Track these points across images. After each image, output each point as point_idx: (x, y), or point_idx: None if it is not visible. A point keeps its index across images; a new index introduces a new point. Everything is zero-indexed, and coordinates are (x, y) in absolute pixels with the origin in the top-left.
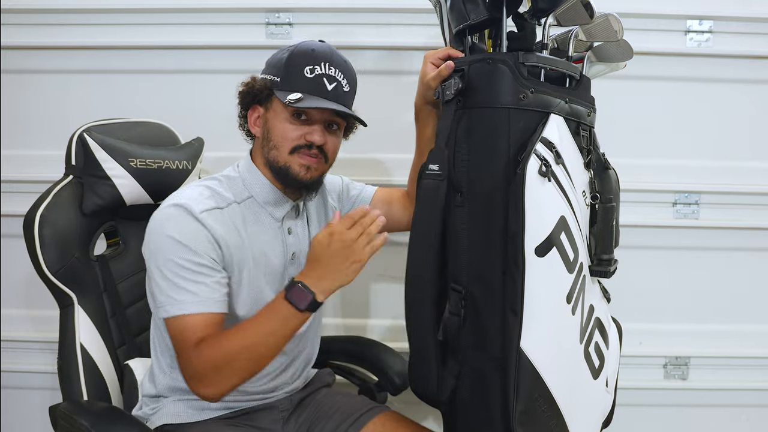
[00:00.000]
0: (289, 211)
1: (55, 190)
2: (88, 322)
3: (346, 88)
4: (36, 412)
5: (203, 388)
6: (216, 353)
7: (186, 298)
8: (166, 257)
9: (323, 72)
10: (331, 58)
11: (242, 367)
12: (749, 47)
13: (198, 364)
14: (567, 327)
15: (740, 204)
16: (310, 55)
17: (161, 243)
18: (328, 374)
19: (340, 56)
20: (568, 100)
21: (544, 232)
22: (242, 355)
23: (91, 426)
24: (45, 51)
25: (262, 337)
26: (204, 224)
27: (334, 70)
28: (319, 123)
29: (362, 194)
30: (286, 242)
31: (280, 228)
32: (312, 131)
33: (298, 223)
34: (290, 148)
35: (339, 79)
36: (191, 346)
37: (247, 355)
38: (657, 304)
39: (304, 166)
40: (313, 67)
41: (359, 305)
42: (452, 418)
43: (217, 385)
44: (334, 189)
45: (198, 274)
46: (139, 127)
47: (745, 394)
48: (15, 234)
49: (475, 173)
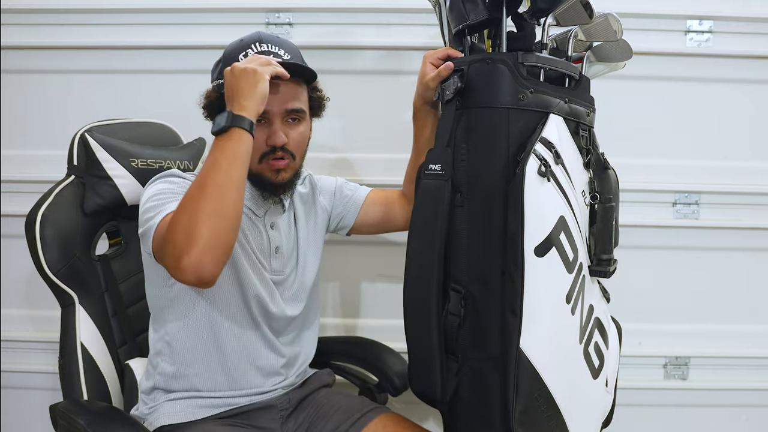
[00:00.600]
0: (272, 207)
1: (57, 190)
2: (89, 321)
3: (286, 56)
4: (36, 412)
5: (186, 259)
6: (178, 210)
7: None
8: (154, 191)
9: (255, 52)
10: (260, 38)
11: (208, 210)
12: (749, 47)
13: (169, 233)
14: (566, 327)
15: (740, 204)
16: (239, 45)
17: (150, 187)
18: (327, 374)
19: (271, 34)
20: (567, 100)
21: (543, 232)
22: (207, 195)
23: (87, 425)
24: (45, 51)
25: (212, 172)
26: (189, 180)
27: (266, 45)
28: (277, 118)
29: (356, 195)
30: (269, 236)
31: (261, 222)
32: (272, 133)
33: (283, 219)
34: (258, 157)
35: (274, 51)
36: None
37: (212, 194)
38: (657, 304)
39: (274, 171)
40: (245, 52)
41: (359, 305)
42: (452, 418)
43: (195, 249)
44: (327, 189)
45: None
46: (141, 127)
47: (744, 394)
48: (15, 234)
49: (474, 173)
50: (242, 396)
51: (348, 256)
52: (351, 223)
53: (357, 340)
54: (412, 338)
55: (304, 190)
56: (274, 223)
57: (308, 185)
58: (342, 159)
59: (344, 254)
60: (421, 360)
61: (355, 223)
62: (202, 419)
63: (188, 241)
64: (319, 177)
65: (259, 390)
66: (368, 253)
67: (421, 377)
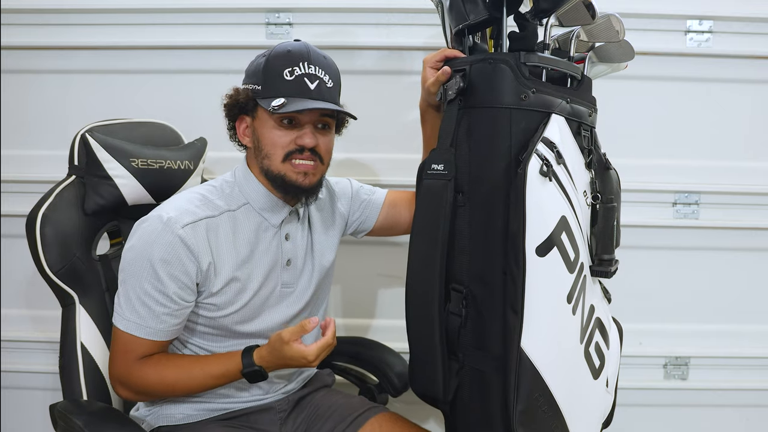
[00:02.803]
0: (287, 216)
1: (58, 190)
2: (89, 321)
3: (329, 84)
4: (36, 412)
5: (124, 391)
6: (154, 377)
7: (134, 319)
8: (132, 272)
9: (303, 72)
10: (309, 56)
11: (168, 393)
12: (749, 47)
13: (135, 377)
14: (567, 327)
15: (740, 204)
16: (287, 56)
17: (132, 257)
18: (327, 375)
19: (318, 52)
20: (569, 101)
21: (544, 232)
22: (177, 386)
23: (84, 426)
24: (45, 51)
25: (200, 382)
26: (183, 241)
27: (314, 68)
28: (308, 125)
29: (374, 198)
30: (282, 248)
31: (276, 234)
32: (302, 134)
33: (298, 229)
34: (282, 156)
35: (320, 77)
36: (133, 359)
37: (181, 389)
38: (657, 304)
39: (300, 173)
40: (291, 68)
41: (360, 305)
42: (453, 418)
43: (136, 395)
44: (344, 194)
45: (154, 300)
46: (142, 127)
47: (745, 394)
48: (15, 234)
49: (476, 173)
50: (243, 402)
51: (349, 256)
52: (371, 226)
53: (357, 341)
54: (414, 338)
55: (321, 195)
56: (290, 234)
57: (325, 191)
58: (342, 159)
59: (345, 254)
60: (423, 360)
61: (375, 226)
62: (200, 421)
63: (140, 392)
64: (335, 180)
65: (259, 397)
66: (369, 253)
67: (423, 377)
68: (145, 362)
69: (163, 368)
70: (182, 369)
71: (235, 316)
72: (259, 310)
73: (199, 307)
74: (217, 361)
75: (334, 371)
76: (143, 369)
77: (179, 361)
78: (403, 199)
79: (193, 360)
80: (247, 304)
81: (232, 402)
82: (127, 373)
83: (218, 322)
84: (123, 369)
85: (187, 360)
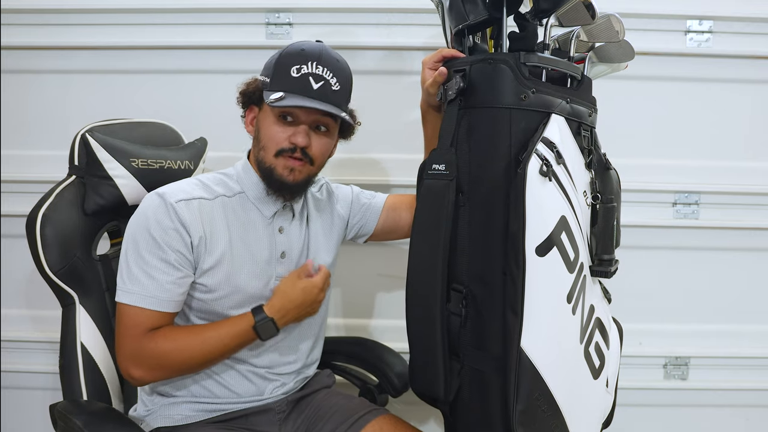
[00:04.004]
0: (280, 210)
1: (58, 190)
2: (89, 321)
3: (335, 87)
4: (36, 412)
5: (137, 371)
6: (167, 344)
7: (138, 290)
8: (132, 244)
9: (309, 71)
10: (320, 57)
11: (185, 362)
12: (749, 47)
13: (148, 349)
14: (567, 327)
15: (740, 204)
16: (299, 54)
17: (133, 229)
18: (327, 376)
19: (333, 55)
20: (569, 101)
21: (544, 231)
22: (193, 353)
23: (84, 426)
24: (45, 51)
25: (213, 345)
26: (176, 212)
27: (322, 68)
28: (304, 124)
29: (374, 201)
30: (276, 240)
31: (269, 225)
32: (296, 133)
33: (294, 224)
34: (275, 151)
35: (327, 78)
36: (141, 332)
37: (197, 356)
38: (657, 304)
39: (287, 168)
40: (299, 66)
41: (360, 306)
42: (453, 418)
43: (151, 372)
44: (344, 198)
45: (156, 269)
46: (142, 127)
47: (744, 394)
48: (15, 234)
49: (476, 173)
50: (240, 403)
51: (349, 256)
52: (371, 230)
53: (357, 341)
54: (415, 338)
55: (321, 196)
56: (283, 228)
57: (325, 192)
58: (342, 159)
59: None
60: (424, 360)
61: (376, 229)
62: (199, 422)
63: (155, 368)
64: (336, 185)
65: (258, 398)
66: (369, 254)
67: (424, 377)
68: (155, 333)
69: (176, 335)
70: (194, 334)
71: (227, 301)
72: (256, 301)
73: (193, 288)
74: (229, 322)
75: (334, 371)
76: (155, 339)
77: (190, 328)
78: (404, 203)
79: (203, 325)
80: (238, 289)
81: (231, 403)
82: (138, 347)
83: (210, 306)
84: (134, 344)
85: (198, 326)
